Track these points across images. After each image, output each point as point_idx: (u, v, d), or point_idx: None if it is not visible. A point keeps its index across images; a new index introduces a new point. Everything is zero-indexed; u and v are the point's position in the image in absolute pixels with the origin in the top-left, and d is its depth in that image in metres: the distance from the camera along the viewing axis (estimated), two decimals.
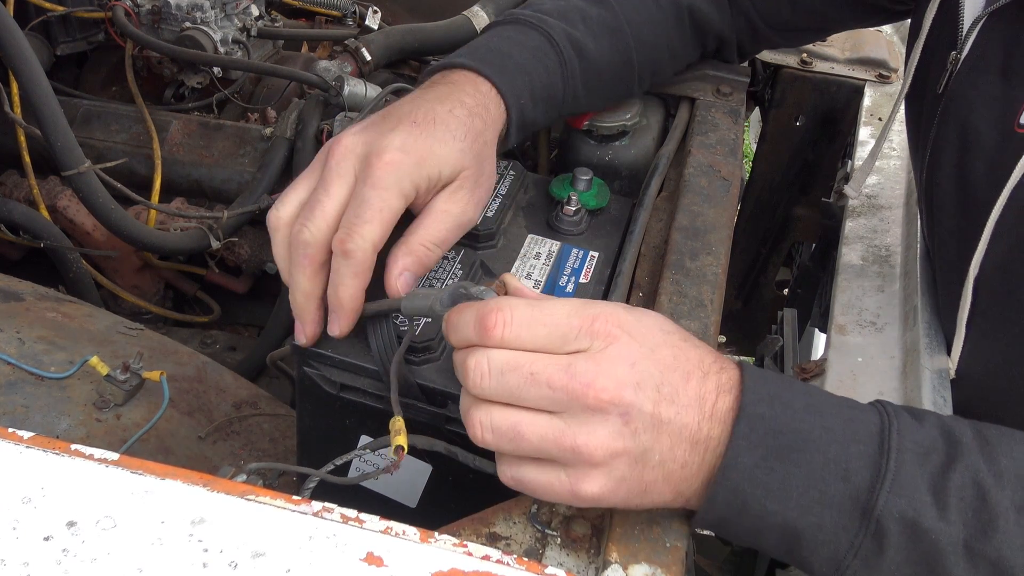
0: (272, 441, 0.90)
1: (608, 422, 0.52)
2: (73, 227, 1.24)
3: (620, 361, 0.53)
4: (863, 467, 0.52)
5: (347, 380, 0.69)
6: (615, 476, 0.53)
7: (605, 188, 0.88)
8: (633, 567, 0.55)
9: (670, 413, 0.53)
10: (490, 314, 0.54)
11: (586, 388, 0.52)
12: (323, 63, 1.24)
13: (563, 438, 0.53)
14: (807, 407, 0.54)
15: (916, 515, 0.51)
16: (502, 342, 0.53)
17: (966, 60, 0.73)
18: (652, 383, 0.53)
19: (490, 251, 0.80)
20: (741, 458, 0.52)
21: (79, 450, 0.49)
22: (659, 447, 0.53)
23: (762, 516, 0.53)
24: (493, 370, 0.53)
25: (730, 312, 1.63)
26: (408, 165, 0.65)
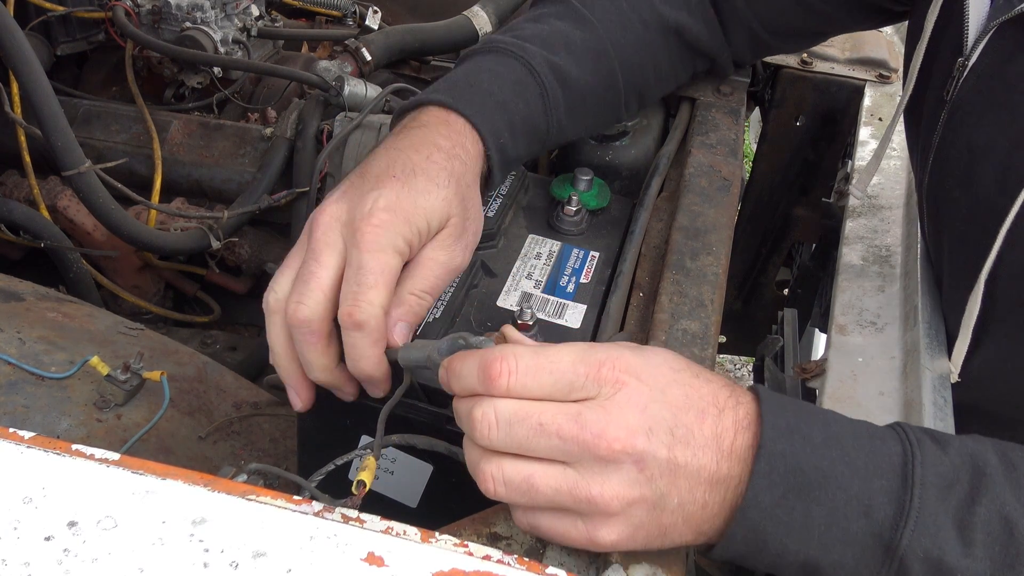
0: (273, 441, 0.90)
1: (622, 471, 0.51)
2: (73, 227, 1.24)
3: (630, 407, 0.51)
4: (886, 503, 0.51)
5: None
6: (632, 523, 0.52)
7: (606, 188, 0.88)
8: (634, 567, 0.55)
9: (686, 456, 0.52)
10: (495, 362, 0.52)
11: (597, 439, 0.50)
12: (323, 63, 1.24)
13: (577, 489, 0.51)
14: (827, 440, 0.53)
15: (941, 554, 0.50)
16: (508, 391, 0.52)
17: (974, 67, 0.72)
18: (665, 427, 0.52)
19: (491, 251, 0.80)
20: (761, 497, 0.51)
21: (80, 450, 0.49)
22: (677, 491, 0.52)
23: (782, 554, 0.52)
24: (501, 421, 0.52)
25: (730, 312, 1.63)
26: (397, 223, 0.64)
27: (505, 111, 0.76)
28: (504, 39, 0.82)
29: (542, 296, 0.76)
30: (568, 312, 0.75)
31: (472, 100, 0.74)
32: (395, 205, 0.64)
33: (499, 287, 0.77)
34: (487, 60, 0.80)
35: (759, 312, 1.63)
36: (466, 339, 0.59)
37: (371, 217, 0.63)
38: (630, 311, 0.79)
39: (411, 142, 0.70)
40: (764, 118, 1.38)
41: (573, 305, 0.76)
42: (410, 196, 0.65)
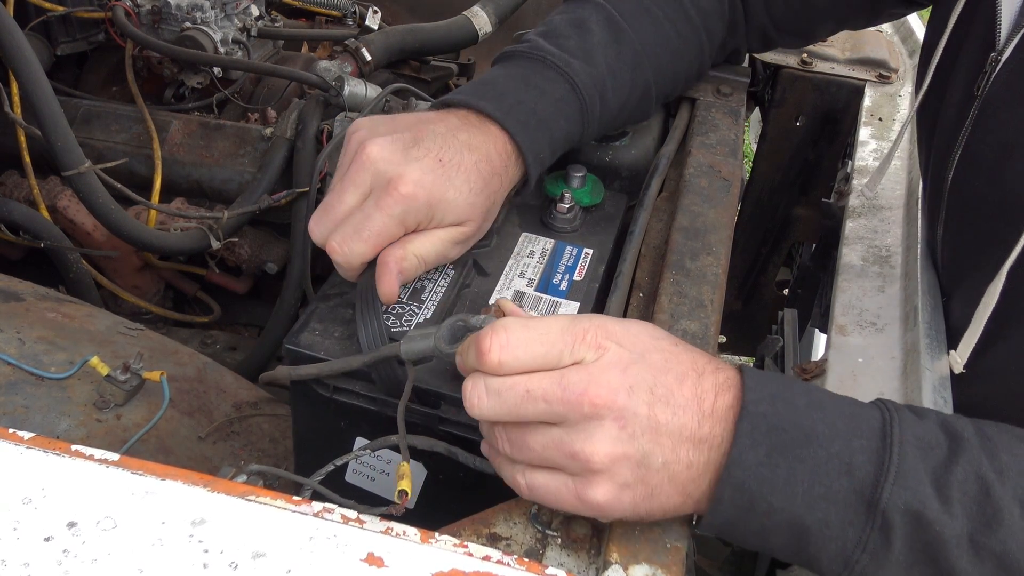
0: (272, 441, 0.90)
1: (604, 427, 0.53)
2: (73, 227, 1.24)
3: (612, 368, 0.54)
4: (866, 461, 0.52)
5: (340, 382, 0.69)
6: (618, 481, 0.54)
7: (599, 185, 0.87)
8: (633, 567, 0.55)
9: (666, 414, 0.54)
10: (485, 338, 0.55)
11: (580, 396, 0.53)
12: (323, 63, 1.24)
13: (563, 446, 0.54)
14: (809, 404, 0.55)
15: (921, 507, 0.51)
16: (500, 365, 0.54)
17: (1008, 62, 0.72)
18: (645, 386, 0.54)
19: (484, 250, 0.80)
20: (745, 455, 0.53)
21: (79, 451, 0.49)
22: (660, 449, 0.54)
23: (769, 513, 0.53)
24: (490, 392, 0.55)
25: (730, 312, 1.63)
26: (418, 202, 0.68)
27: (548, 130, 0.79)
28: (552, 52, 0.83)
29: (535, 295, 0.76)
30: (561, 310, 0.75)
31: (519, 120, 0.77)
32: (427, 185, 0.69)
33: (492, 286, 0.77)
34: (534, 74, 0.81)
35: (759, 312, 1.63)
36: (465, 320, 0.61)
37: (401, 184, 0.68)
38: (630, 311, 0.79)
39: (468, 141, 0.73)
40: (764, 118, 1.38)
41: (566, 303, 0.76)
42: (443, 186, 0.70)
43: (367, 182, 0.69)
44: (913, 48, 1.35)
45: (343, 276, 0.72)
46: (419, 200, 0.68)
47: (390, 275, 0.68)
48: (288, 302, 1.22)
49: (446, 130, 0.73)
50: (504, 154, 0.75)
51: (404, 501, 0.57)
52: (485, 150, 0.74)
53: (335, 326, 0.71)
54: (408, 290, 0.73)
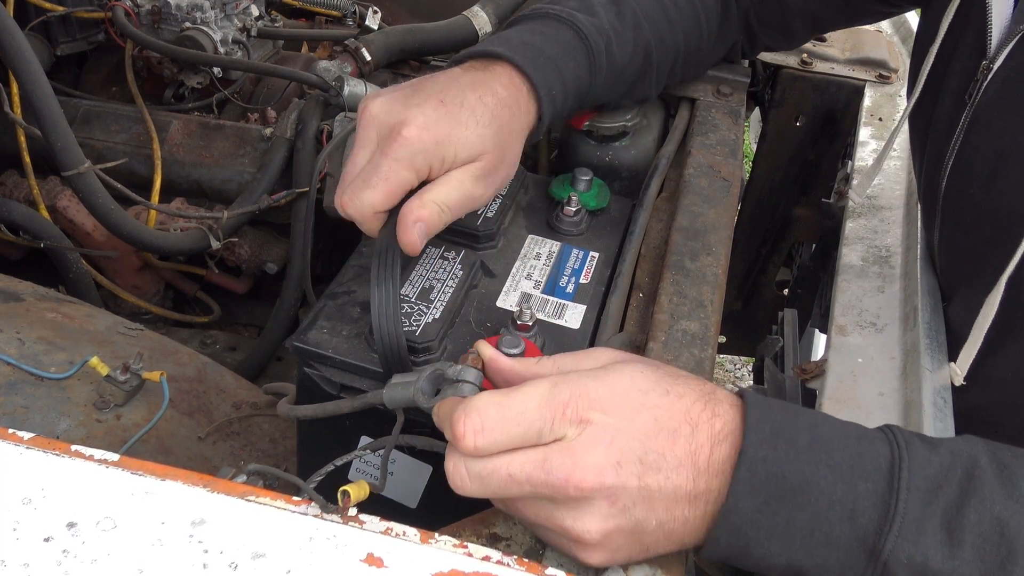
0: (272, 441, 0.90)
1: (594, 507, 0.52)
2: (73, 227, 1.24)
3: (596, 444, 0.52)
4: (870, 507, 0.51)
5: (347, 381, 0.69)
6: (612, 548, 0.54)
7: (605, 188, 0.88)
8: (633, 567, 0.55)
9: (658, 480, 0.52)
10: (459, 423, 0.53)
11: (565, 483, 0.51)
12: (323, 63, 1.24)
13: (553, 520, 0.53)
14: (811, 443, 0.53)
15: (925, 559, 0.50)
16: (476, 450, 0.52)
17: (1000, 70, 0.71)
18: (633, 457, 0.52)
19: (491, 251, 0.80)
20: (742, 503, 0.51)
21: (79, 451, 0.49)
22: (655, 514, 0.53)
23: (765, 558, 0.52)
24: (472, 476, 0.53)
25: (730, 312, 1.63)
26: (426, 142, 0.68)
27: (556, 68, 0.80)
28: (553, 8, 0.86)
29: (541, 296, 0.76)
30: (568, 312, 0.75)
31: (531, 59, 0.78)
32: (432, 125, 0.68)
33: (499, 287, 0.77)
34: (537, 24, 0.84)
35: (759, 312, 1.63)
36: (443, 371, 0.60)
37: (404, 128, 0.67)
38: (630, 312, 0.79)
39: (471, 80, 0.74)
40: (764, 118, 1.38)
41: (573, 306, 0.76)
42: (448, 124, 0.69)
43: (373, 138, 0.69)
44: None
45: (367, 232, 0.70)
46: (424, 141, 0.67)
47: (407, 225, 0.67)
48: (288, 302, 1.22)
49: (447, 77, 0.74)
50: (512, 87, 0.75)
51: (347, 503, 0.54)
52: (489, 86, 0.74)
53: (343, 324, 0.71)
54: (417, 290, 0.73)
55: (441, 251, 0.76)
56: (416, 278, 0.73)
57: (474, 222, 0.79)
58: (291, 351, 0.71)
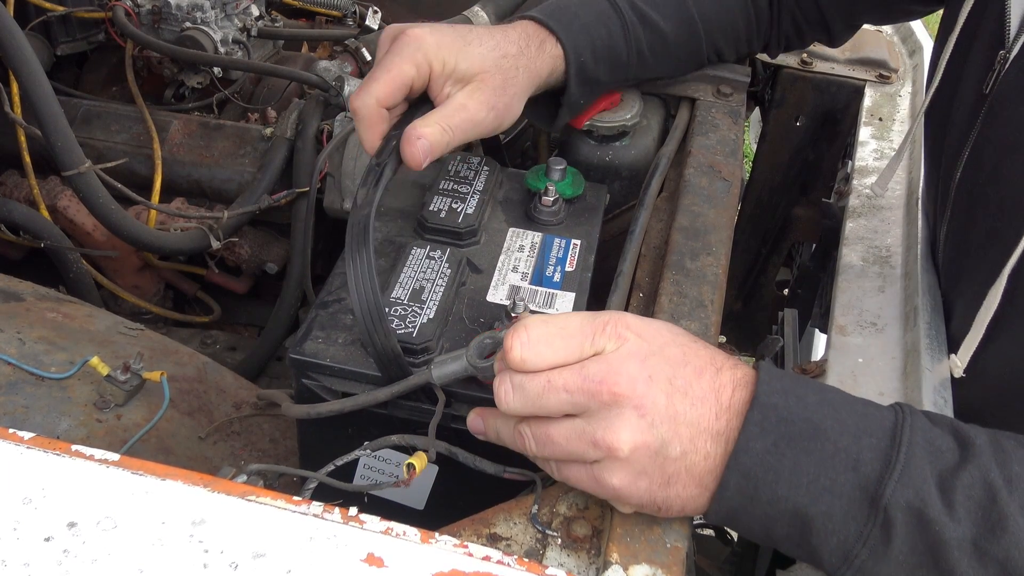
0: (272, 441, 0.90)
1: (624, 415, 0.54)
2: (73, 227, 1.24)
3: (631, 358, 0.55)
4: (873, 458, 0.53)
5: (348, 388, 0.68)
6: (636, 468, 0.55)
7: (579, 176, 0.88)
8: (633, 567, 0.55)
9: (684, 405, 0.55)
10: (508, 337, 0.56)
11: (599, 385, 0.54)
12: (323, 63, 1.24)
13: (584, 435, 0.55)
14: (820, 401, 0.55)
15: (922, 505, 0.51)
16: (523, 361, 0.55)
17: (1017, 59, 0.72)
18: (664, 376, 0.55)
19: (474, 247, 0.80)
20: (752, 443, 0.53)
21: (79, 451, 0.49)
22: (679, 439, 0.54)
23: (773, 502, 0.54)
24: (516, 386, 0.56)
25: (730, 312, 1.63)
26: (428, 42, 0.73)
27: (588, 33, 0.86)
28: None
29: (530, 288, 0.76)
30: (558, 301, 0.75)
31: (560, 19, 0.84)
32: (438, 30, 0.75)
33: (487, 282, 0.77)
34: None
35: (759, 312, 1.63)
36: (493, 336, 0.62)
37: (410, 30, 0.74)
38: (630, 311, 0.79)
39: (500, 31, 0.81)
40: (764, 118, 1.38)
41: (562, 294, 0.76)
42: (454, 35, 0.76)
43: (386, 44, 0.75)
44: (913, 48, 1.35)
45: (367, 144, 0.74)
46: (429, 40, 0.73)
47: (411, 139, 0.72)
48: (288, 302, 1.22)
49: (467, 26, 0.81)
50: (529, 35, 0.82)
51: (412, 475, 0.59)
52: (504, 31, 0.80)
53: (337, 332, 0.71)
54: (407, 292, 0.73)
55: (427, 251, 0.76)
56: (406, 280, 0.73)
57: (455, 220, 0.80)
58: (288, 364, 0.71)
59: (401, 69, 0.72)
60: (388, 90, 0.72)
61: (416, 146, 0.72)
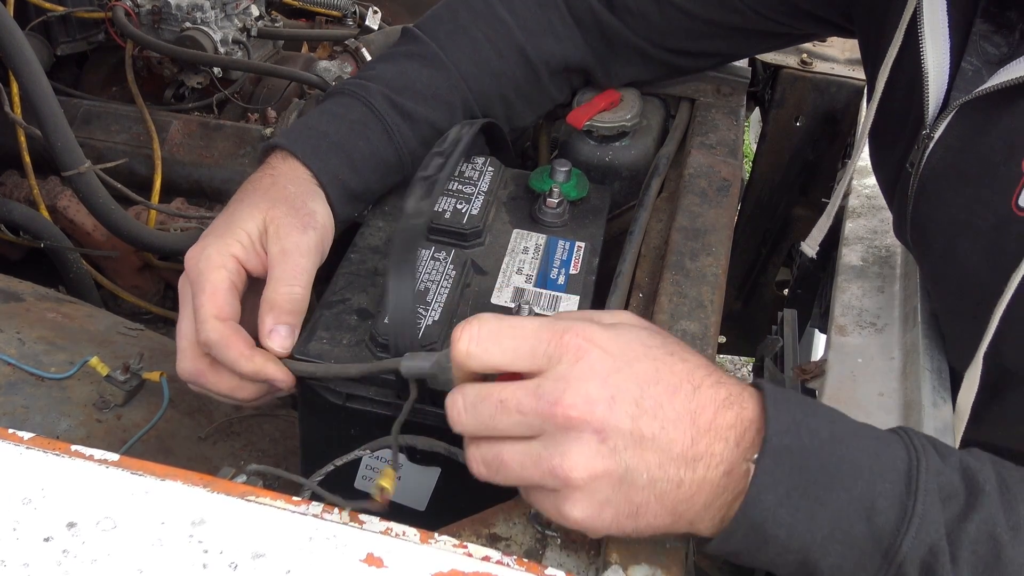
0: (273, 441, 0.90)
1: (582, 441, 0.50)
2: (73, 227, 1.24)
3: (591, 376, 0.50)
4: (888, 507, 0.50)
5: (351, 389, 0.68)
6: (598, 499, 0.51)
7: (584, 178, 0.88)
8: (633, 568, 0.55)
9: (653, 428, 0.50)
10: (458, 329, 0.53)
11: (553, 407, 0.50)
12: (323, 63, 1.24)
13: (540, 462, 0.51)
14: (832, 437, 0.51)
15: (933, 561, 0.49)
16: (468, 356, 0.52)
17: (942, 140, 0.70)
18: (629, 397, 0.50)
19: (479, 249, 0.80)
20: (764, 495, 0.50)
21: (79, 451, 0.49)
22: (645, 465, 0.50)
23: (781, 553, 0.51)
24: (467, 405, 0.53)
25: (730, 312, 1.63)
26: (210, 246, 0.68)
27: (342, 151, 0.80)
28: (350, 81, 0.87)
29: (535, 290, 0.76)
30: (562, 304, 0.75)
31: (307, 142, 0.79)
32: (210, 232, 0.70)
33: (491, 284, 0.77)
34: (331, 103, 0.85)
35: (759, 312, 1.63)
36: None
37: (191, 251, 0.69)
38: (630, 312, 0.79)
39: (248, 187, 0.76)
40: (764, 118, 1.38)
41: (567, 297, 0.76)
42: (224, 221, 0.71)
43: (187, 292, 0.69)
44: None
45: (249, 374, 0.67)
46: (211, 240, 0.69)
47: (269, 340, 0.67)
48: None
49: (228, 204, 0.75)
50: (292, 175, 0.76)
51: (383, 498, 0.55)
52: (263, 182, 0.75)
53: (342, 333, 0.71)
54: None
55: (432, 252, 0.76)
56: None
57: (460, 220, 0.80)
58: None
59: (210, 280, 0.67)
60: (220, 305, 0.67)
61: (271, 343, 0.67)
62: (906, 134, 0.76)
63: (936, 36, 0.69)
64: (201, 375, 0.68)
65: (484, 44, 0.90)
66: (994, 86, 0.64)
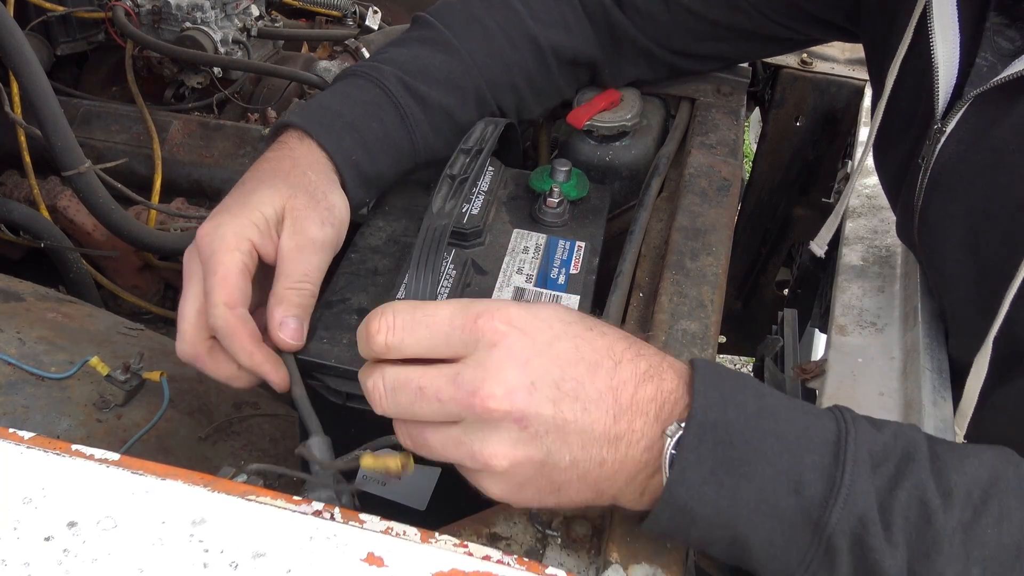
0: (272, 441, 0.90)
1: (502, 429, 0.50)
2: (73, 227, 1.24)
3: (510, 361, 0.50)
4: (816, 479, 0.50)
5: (352, 389, 0.68)
6: (518, 480, 0.51)
7: (584, 178, 0.88)
8: (633, 567, 0.55)
9: (575, 411, 0.50)
10: (373, 320, 0.52)
11: (472, 397, 0.49)
12: (323, 63, 1.24)
13: (461, 447, 0.51)
14: (760, 411, 0.51)
15: (864, 532, 0.49)
16: (387, 347, 0.52)
17: (954, 134, 0.70)
18: (550, 381, 0.50)
19: (478, 248, 0.80)
20: (688, 474, 0.50)
21: (80, 450, 0.49)
22: (568, 448, 0.50)
23: (710, 530, 0.51)
24: (387, 390, 0.52)
25: (730, 312, 1.63)
26: (226, 222, 0.66)
27: (356, 131, 0.78)
28: (363, 64, 0.86)
29: (535, 290, 0.76)
30: (562, 303, 0.75)
31: (322, 122, 0.77)
32: (224, 210, 0.68)
33: (491, 284, 0.77)
34: (345, 84, 0.83)
35: (759, 312, 1.63)
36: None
37: (204, 227, 0.67)
38: (630, 311, 0.79)
39: (266, 165, 0.74)
40: (764, 118, 1.38)
41: (567, 296, 0.76)
42: (240, 199, 0.69)
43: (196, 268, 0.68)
44: None
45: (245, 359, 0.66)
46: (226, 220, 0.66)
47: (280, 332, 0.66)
48: None
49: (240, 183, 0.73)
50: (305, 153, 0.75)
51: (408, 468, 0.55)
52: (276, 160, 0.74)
53: (342, 332, 0.71)
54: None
55: None
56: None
57: (460, 220, 0.80)
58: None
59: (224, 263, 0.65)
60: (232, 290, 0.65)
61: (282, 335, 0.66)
62: (913, 131, 0.76)
63: (945, 30, 0.69)
64: (199, 359, 0.67)
65: (497, 33, 0.90)
66: (1008, 76, 0.64)
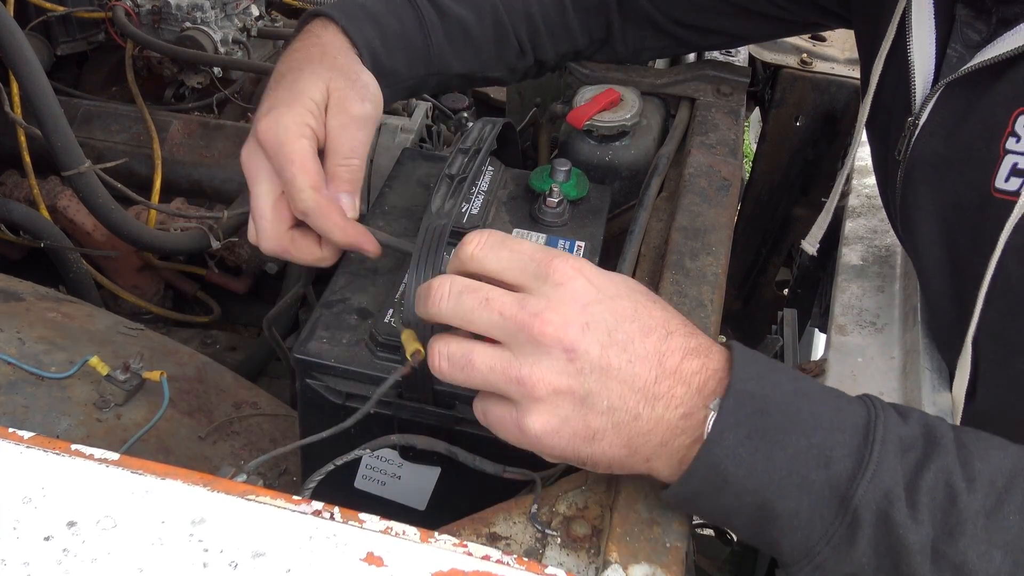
0: (272, 441, 0.90)
1: (552, 356, 0.52)
2: (73, 227, 1.24)
3: (572, 301, 0.53)
4: (846, 456, 0.51)
5: (353, 389, 0.68)
6: (559, 414, 0.53)
7: (584, 178, 0.88)
8: (633, 567, 0.55)
9: (621, 360, 0.52)
10: (471, 235, 0.57)
11: (532, 319, 0.52)
12: None
13: (509, 368, 0.53)
14: (796, 390, 0.54)
15: (889, 507, 0.50)
16: (472, 256, 0.55)
17: (927, 125, 0.71)
18: (604, 327, 0.53)
19: None
20: (725, 435, 0.51)
21: (79, 450, 0.49)
22: (607, 392, 0.52)
23: (740, 495, 0.52)
24: (453, 291, 0.55)
25: (730, 312, 1.63)
26: (282, 112, 0.70)
27: (376, 22, 0.83)
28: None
29: None
30: None
31: (345, 11, 0.82)
32: (276, 102, 0.72)
33: None
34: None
35: (759, 312, 1.63)
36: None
37: (261, 122, 0.70)
38: None
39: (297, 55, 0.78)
40: (764, 118, 1.38)
41: None
42: (287, 88, 0.73)
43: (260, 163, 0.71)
44: None
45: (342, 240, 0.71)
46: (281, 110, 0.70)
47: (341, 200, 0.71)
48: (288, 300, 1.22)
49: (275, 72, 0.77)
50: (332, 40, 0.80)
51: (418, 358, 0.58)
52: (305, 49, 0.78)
53: (342, 332, 0.71)
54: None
55: None
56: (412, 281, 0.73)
57: (460, 220, 0.80)
58: (291, 364, 0.70)
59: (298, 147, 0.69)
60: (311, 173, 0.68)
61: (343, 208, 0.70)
62: (894, 125, 0.76)
63: (922, 24, 0.71)
64: (286, 251, 0.71)
65: None
66: (973, 66, 0.66)
